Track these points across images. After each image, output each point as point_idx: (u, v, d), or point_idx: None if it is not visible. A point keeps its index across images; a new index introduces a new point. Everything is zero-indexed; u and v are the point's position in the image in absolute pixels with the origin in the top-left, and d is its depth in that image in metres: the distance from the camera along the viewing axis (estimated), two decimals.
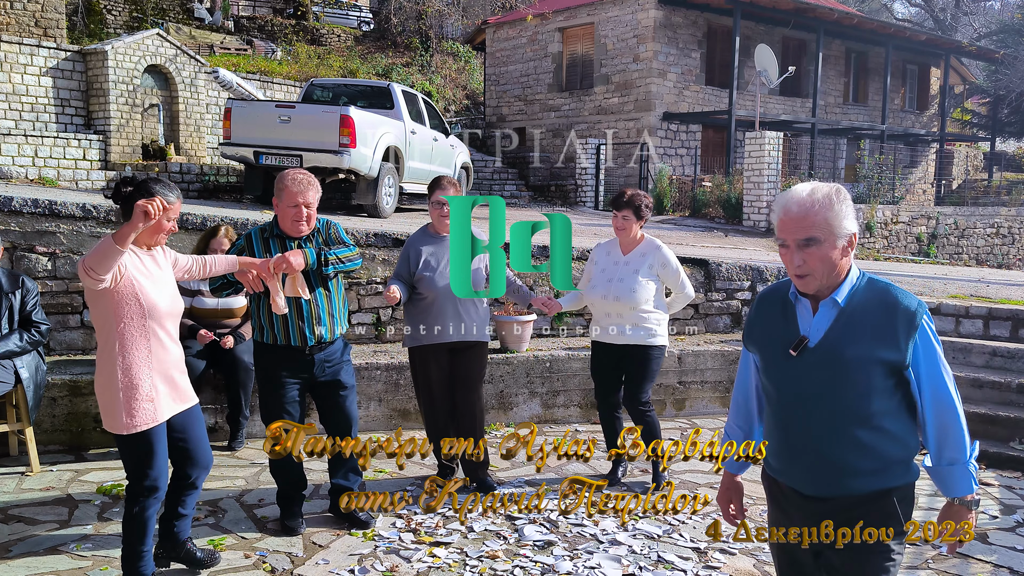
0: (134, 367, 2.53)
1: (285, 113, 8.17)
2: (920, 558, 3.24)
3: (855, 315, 1.72)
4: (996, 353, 5.31)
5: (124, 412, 2.52)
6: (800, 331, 1.78)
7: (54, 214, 4.58)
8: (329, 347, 3.22)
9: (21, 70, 10.16)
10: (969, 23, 29.15)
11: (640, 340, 3.79)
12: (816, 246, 1.68)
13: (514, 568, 3.02)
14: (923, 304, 1.72)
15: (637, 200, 3.82)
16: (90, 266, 2.34)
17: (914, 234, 13.26)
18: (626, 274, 3.81)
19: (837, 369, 1.70)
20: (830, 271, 1.71)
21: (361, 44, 19.56)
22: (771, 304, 1.87)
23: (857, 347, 1.69)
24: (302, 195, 3.06)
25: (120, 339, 2.51)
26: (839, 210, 1.70)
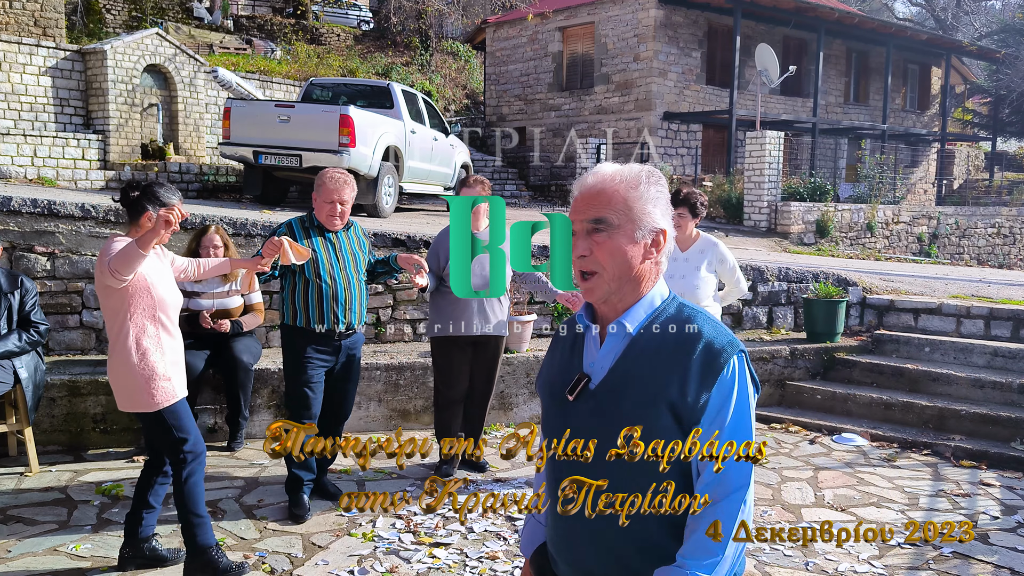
0: (149, 353, 2.74)
1: (285, 113, 8.16)
2: (920, 559, 3.23)
3: (648, 350, 1.29)
4: (997, 353, 5.30)
5: (147, 394, 2.72)
6: (584, 367, 1.35)
7: (53, 214, 4.57)
8: (353, 336, 3.49)
9: (20, 69, 10.15)
10: (970, 23, 29.12)
11: None
12: (608, 232, 1.29)
13: (514, 569, 3.01)
14: (736, 345, 1.28)
15: (692, 198, 3.85)
16: (115, 268, 2.58)
17: (915, 234, 13.24)
18: (688, 271, 3.85)
19: (615, 421, 1.27)
20: (623, 273, 1.30)
21: (361, 43, 19.54)
22: (565, 337, 1.45)
23: (641, 393, 1.27)
24: (338, 192, 3.37)
25: (135, 329, 2.72)
26: (646, 193, 1.31)
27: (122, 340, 2.73)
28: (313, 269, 3.35)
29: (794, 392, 5.50)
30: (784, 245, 10.84)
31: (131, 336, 2.72)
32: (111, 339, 2.77)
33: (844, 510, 3.72)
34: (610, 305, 1.34)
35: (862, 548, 3.31)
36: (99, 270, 2.68)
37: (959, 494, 3.98)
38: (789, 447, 4.72)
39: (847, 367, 5.57)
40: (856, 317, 6.22)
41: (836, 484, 4.08)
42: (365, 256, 3.59)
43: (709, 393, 1.26)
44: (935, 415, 4.90)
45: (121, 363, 2.73)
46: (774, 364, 5.55)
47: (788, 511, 3.69)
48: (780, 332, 6.15)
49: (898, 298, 6.17)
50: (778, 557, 3.21)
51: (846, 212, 12.18)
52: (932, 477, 4.24)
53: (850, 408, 5.23)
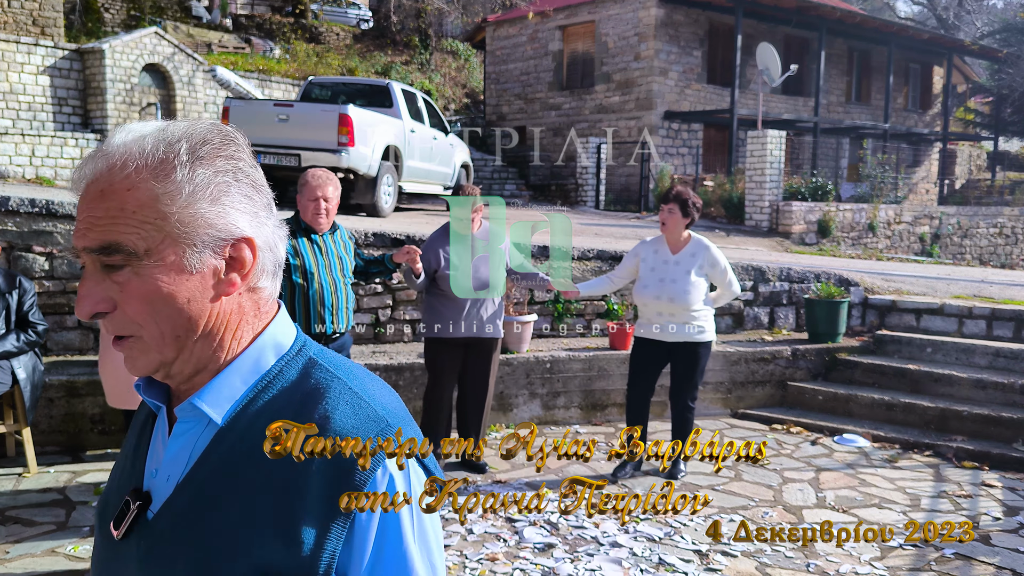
0: None
1: (283, 112, 8.14)
2: (922, 560, 3.21)
3: (239, 454, 0.74)
4: (1000, 354, 5.28)
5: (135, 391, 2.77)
6: (144, 479, 0.80)
7: (51, 214, 4.55)
8: (340, 339, 3.45)
9: (18, 69, 10.13)
10: (972, 22, 29.07)
11: (690, 338, 3.86)
12: (133, 266, 0.73)
13: (514, 570, 3.00)
14: (390, 435, 0.76)
15: (684, 196, 3.83)
16: None
17: (917, 234, 13.22)
18: (678, 275, 3.82)
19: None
20: (180, 329, 0.75)
21: (360, 42, 19.52)
22: (136, 417, 0.89)
23: (218, 537, 0.72)
24: (321, 189, 3.34)
25: None
26: (191, 180, 0.74)
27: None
28: (300, 272, 3.32)
29: (795, 393, 5.48)
30: (786, 245, 10.82)
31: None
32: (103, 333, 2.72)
33: (846, 511, 3.70)
34: (176, 379, 0.78)
35: (863, 549, 3.29)
36: None
37: (961, 495, 3.96)
38: (790, 448, 4.70)
39: (849, 368, 5.55)
40: (858, 317, 6.20)
41: (838, 485, 4.06)
42: (351, 259, 3.57)
43: (322, 531, 0.72)
44: (937, 416, 4.88)
45: (112, 358, 2.68)
46: (775, 365, 5.53)
47: (789, 512, 3.67)
48: (782, 332, 6.13)
49: (900, 298, 6.14)
50: (779, 559, 3.20)
51: (848, 212, 12.15)
52: (934, 478, 4.22)
53: (852, 409, 5.21)
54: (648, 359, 3.97)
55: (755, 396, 5.49)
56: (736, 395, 5.45)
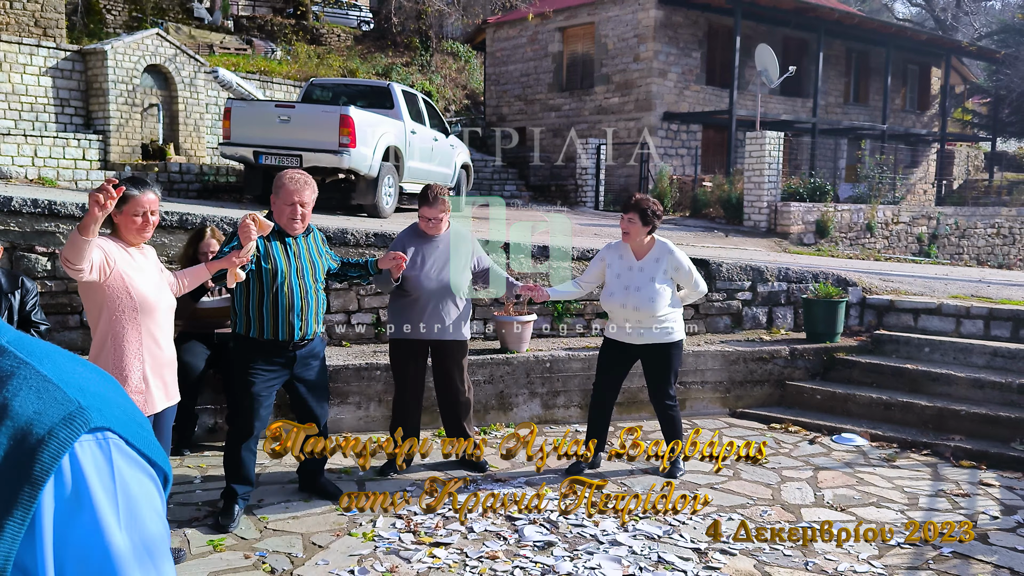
0: (124, 359, 2.62)
1: (285, 113, 8.16)
2: (920, 558, 3.23)
3: None
4: (997, 353, 5.30)
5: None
6: None
7: (53, 214, 4.57)
8: (309, 344, 3.37)
9: (20, 70, 10.15)
10: (970, 23, 29.12)
11: (659, 339, 3.89)
12: None
13: (514, 569, 3.02)
14: (86, 422, 0.63)
15: (644, 204, 3.84)
16: (65, 256, 2.46)
17: (915, 234, 13.24)
18: (643, 282, 3.84)
19: None
20: None
21: (361, 44, 19.54)
22: None
23: None
24: (298, 194, 3.23)
25: (112, 332, 2.61)
26: None
27: (98, 341, 2.63)
28: (270, 277, 3.21)
29: (794, 392, 5.50)
30: (784, 245, 10.85)
31: (108, 339, 2.62)
32: (93, 339, 2.68)
33: (844, 510, 3.72)
34: None
35: (862, 548, 3.32)
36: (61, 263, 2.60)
37: (959, 494, 3.98)
38: (789, 447, 4.72)
39: (847, 367, 5.57)
40: (856, 317, 6.23)
41: (836, 484, 4.08)
42: (323, 262, 3.48)
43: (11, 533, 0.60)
44: (935, 415, 4.90)
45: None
46: (774, 364, 5.55)
47: (788, 511, 3.70)
48: (780, 332, 6.15)
49: (898, 298, 6.17)
50: (778, 557, 3.22)
51: (846, 212, 12.18)
52: (932, 477, 4.24)
53: (850, 408, 5.23)
54: (616, 359, 4.01)
55: (753, 395, 5.51)
56: (735, 394, 5.48)
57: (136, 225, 2.67)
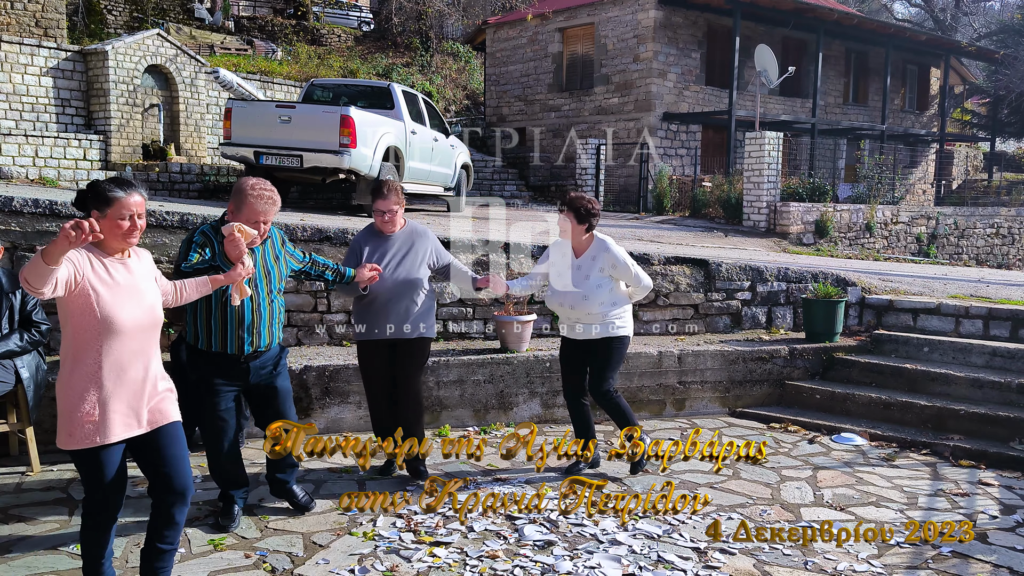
0: (78, 383, 2.38)
1: (285, 113, 8.17)
2: (920, 558, 3.24)
3: None
4: (996, 353, 5.31)
5: (65, 428, 2.40)
6: None
7: (54, 214, 4.58)
8: (264, 355, 3.23)
9: (21, 70, 10.17)
10: (969, 23, 29.14)
11: (602, 335, 3.92)
12: None
13: (514, 568, 3.02)
14: None
15: (579, 203, 3.85)
16: (25, 278, 2.21)
17: (914, 234, 13.26)
18: (579, 280, 3.87)
19: None
20: None
21: (361, 44, 19.56)
22: None
23: None
24: (265, 215, 3.05)
25: (72, 351, 2.39)
26: None
27: (63, 360, 2.42)
28: (219, 291, 2.99)
29: (793, 392, 5.51)
30: (783, 245, 10.86)
31: (69, 358, 2.40)
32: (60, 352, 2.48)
33: (843, 509, 3.73)
34: None
35: (861, 547, 3.33)
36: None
37: (958, 494, 3.99)
38: (788, 446, 4.73)
39: (846, 367, 5.58)
40: (855, 317, 6.24)
41: (835, 483, 4.09)
42: (282, 267, 3.29)
43: None
44: (934, 415, 4.91)
45: (57, 387, 2.43)
46: (773, 364, 5.56)
47: (787, 510, 3.70)
48: (779, 332, 6.16)
49: (897, 298, 6.18)
50: (778, 556, 3.23)
51: (845, 212, 12.19)
52: (931, 477, 4.25)
53: (849, 408, 5.24)
54: (571, 357, 4.03)
55: (753, 395, 5.52)
56: (734, 394, 5.49)
57: (122, 230, 2.42)
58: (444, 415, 4.83)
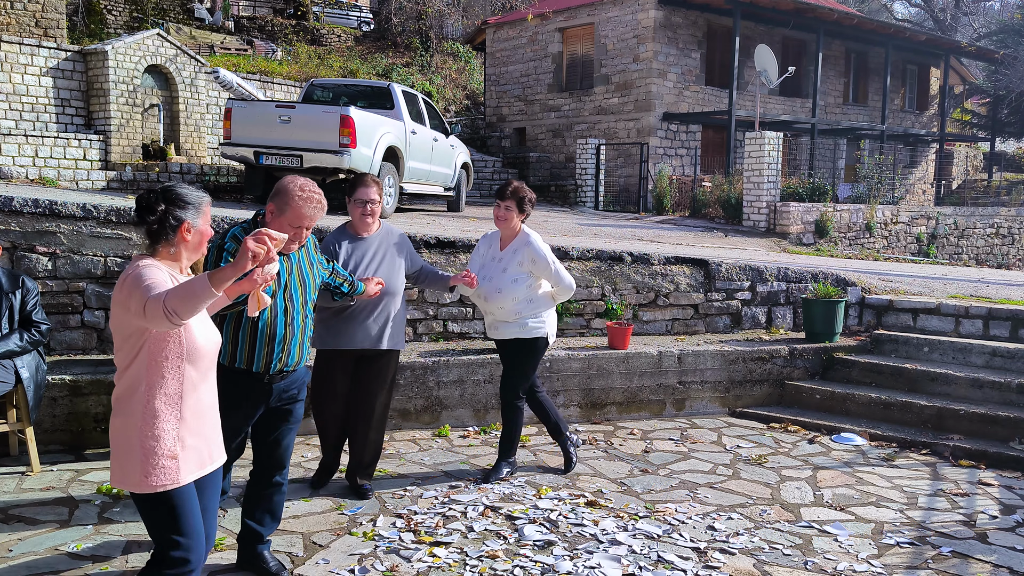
0: (158, 415, 2.08)
1: (285, 113, 8.17)
2: (919, 558, 3.24)
3: None
4: (996, 353, 5.31)
5: (139, 468, 2.08)
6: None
7: (54, 214, 4.58)
8: (292, 375, 2.87)
9: (21, 70, 10.17)
10: (969, 23, 29.15)
11: (515, 335, 3.78)
12: None
13: (514, 568, 3.02)
14: None
15: (522, 192, 3.76)
16: (173, 310, 1.88)
17: (914, 234, 13.26)
18: (495, 273, 3.74)
19: None
20: None
21: (361, 44, 19.57)
22: None
23: None
24: (310, 220, 2.72)
25: (148, 379, 2.07)
26: None
27: (129, 392, 2.09)
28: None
29: (793, 391, 5.51)
30: (783, 245, 10.86)
31: (141, 390, 2.07)
32: (118, 380, 2.12)
33: (843, 509, 3.73)
34: None
35: (861, 547, 3.33)
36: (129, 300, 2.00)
37: (958, 493, 3.99)
38: (788, 446, 4.73)
39: (846, 367, 5.58)
40: (855, 317, 6.24)
41: (835, 483, 4.09)
42: (317, 275, 2.98)
43: None
44: (934, 415, 4.91)
45: (122, 420, 2.10)
46: (773, 364, 5.56)
47: (787, 510, 3.71)
48: (779, 332, 6.16)
49: (897, 298, 6.18)
50: (778, 556, 3.23)
51: (845, 212, 12.20)
52: (931, 477, 4.25)
53: (849, 408, 5.24)
54: (503, 357, 3.89)
55: (753, 395, 5.52)
56: (734, 394, 5.49)
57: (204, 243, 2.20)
58: (444, 415, 4.84)
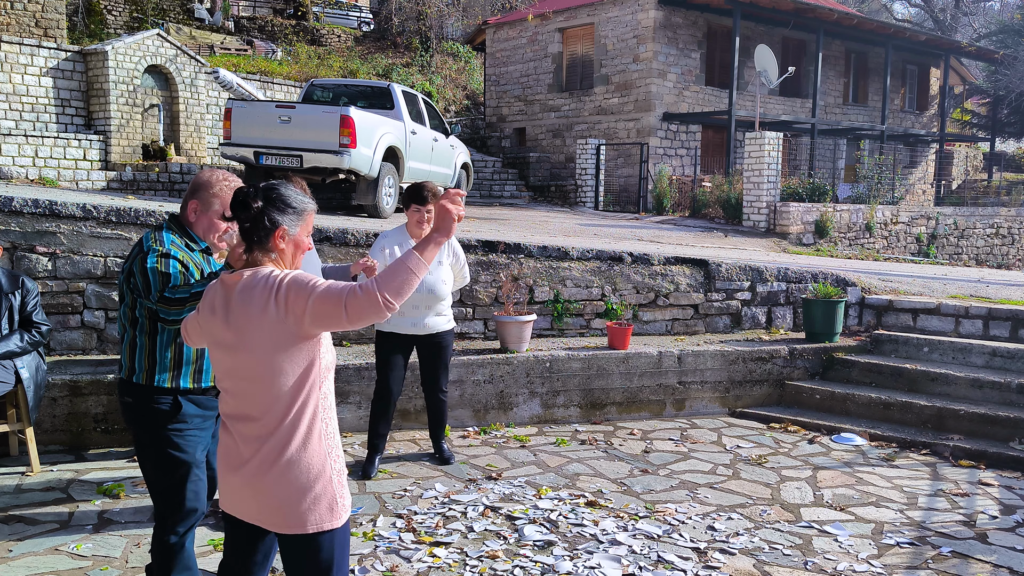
0: (333, 438, 1.84)
1: (285, 113, 8.17)
2: (919, 558, 3.24)
3: None
4: (996, 353, 5.31)
5: (325, 502, 1.79)
6: None
7: (54, 214, 4.58)
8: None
9: (21, 70, 10.17)
10: (969, 23, 29.15)
11: (443, 327, 3.98)
12: None
13: (514, 568, 3.02)
14: None
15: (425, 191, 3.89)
16: (390, 297, 1.67)
17: (914, 234, 13.26)
18: (433, 266, 3.90)
19: None
20: None
21: (361, 44, 19.57)
22: None
23: None
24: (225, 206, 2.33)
25: (314, 404, 1.80)
26: None
27: (294, 420, 1.77)
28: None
29: (793, 392, 5.51)
30: (783, 245, 10.86)
31: (320, 413, 1.80)
32: (276, 414, 1.77)
33: (843, 509, 3.73)
34: None
35: (861, 547, 3.33)
36: (296, 306, 1.70)
37: (958, 494, 3.99)
38: (788, 447, 4.73)
39: (846, 367, 5.58)
40: (855, 317, 6.24)
41: (835, 483, 4.09)
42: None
43: None
44: (934, 415, 4.91)
45: (292, 455, 1.77)
46: (773, 364, 5.56)
47: (787, 510, 3.71)
48: (779, 332, 6.16)
49: (897, 298, 6.18)
50: (778, 556, 3.22)
51: (845, 212, 12.20)
52: (931, 477, 4.25)
53: (849, 408, 5.24)
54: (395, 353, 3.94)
55: (753, 395, 5.52)
56: (734, 394, 5.49)
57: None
58: None
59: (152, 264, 2.30)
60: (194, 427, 2.38)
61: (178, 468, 2.37)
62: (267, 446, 1.78)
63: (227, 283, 1.83)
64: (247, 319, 1.76)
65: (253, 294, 1.75)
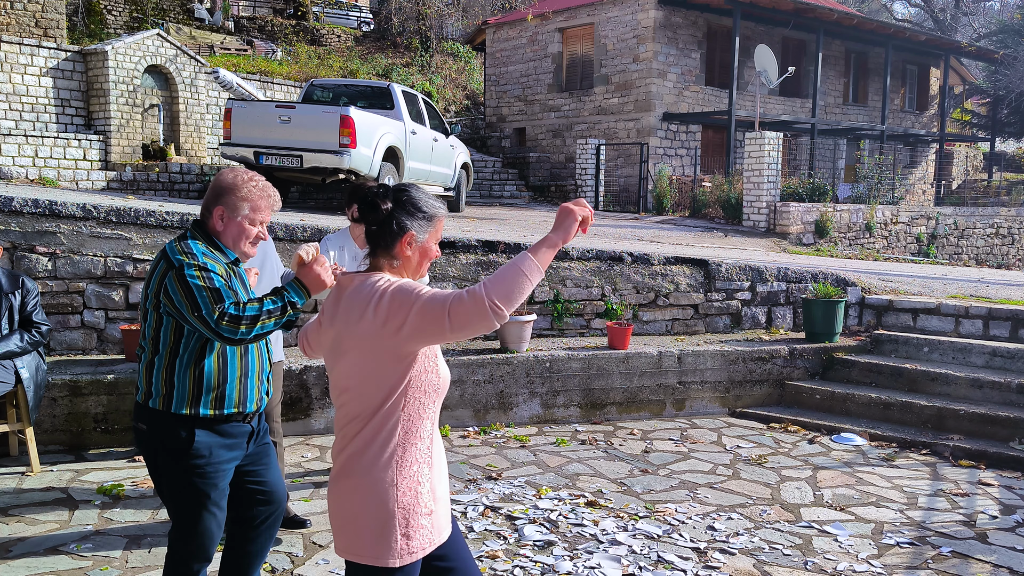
0: (417, 463, 1.68)
1: (285, 113, 8.17)
2: (919, 558, 3.24)
3: None
4: (996, 353, 5.31)
5: (392, 537, 1.64)
6: None
7: (54, 214, 4.58)
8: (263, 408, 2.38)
9: (21, 70, 10.17)
10: (969, 23, 29.15)
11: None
12: None
13: (514, 568, 3.02)
14: None
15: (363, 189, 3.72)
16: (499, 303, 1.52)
17: (914, 234, 13.26)
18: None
19: None
20: None
21: (361, 44, 19.57)
22: None
23: None
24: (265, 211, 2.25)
25: (406, 426, 1.66)
26: None
27: (379, 439, 1.65)
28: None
29: (793, 392, 5.51)
30: (783, 245, 10.86)
31: (396, 437, 1.66)
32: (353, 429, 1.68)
33: (843, 509, 3.73)
34: None
35: (861, 547, 3.33)
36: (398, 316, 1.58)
37: (958, 493, 3.99)
38: (788, 446, 4.74)
39: (846, 367, 5.58)
40: (855, 317, 6.24)
41: (835, 483, 4.09)
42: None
43: None
44: (934, 415, 4.91)
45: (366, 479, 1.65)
46: (773, 364, 5.56)
47: (787, 510, 3.71)
48: (779, 332, 6.16)
49: (897, 298, 6.18)
50: (778, 556, 3.23)
51: (845, 212, 12.20)
52: (931, 477, 4.25)
53: (849, 408, 5.24)
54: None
55: (753, 395, 5.52)
56: (734, 394, 5.49)
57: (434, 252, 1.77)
58: (444, 415, 4.83)
59: (194, 281, 2.05)
60: (214, 459, 2.17)
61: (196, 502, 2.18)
62: (338, 461, 1.69)
63: (341, 284, 1.73)
64: (345, 324, 1.66)
65: (358, 299, 1.64)
